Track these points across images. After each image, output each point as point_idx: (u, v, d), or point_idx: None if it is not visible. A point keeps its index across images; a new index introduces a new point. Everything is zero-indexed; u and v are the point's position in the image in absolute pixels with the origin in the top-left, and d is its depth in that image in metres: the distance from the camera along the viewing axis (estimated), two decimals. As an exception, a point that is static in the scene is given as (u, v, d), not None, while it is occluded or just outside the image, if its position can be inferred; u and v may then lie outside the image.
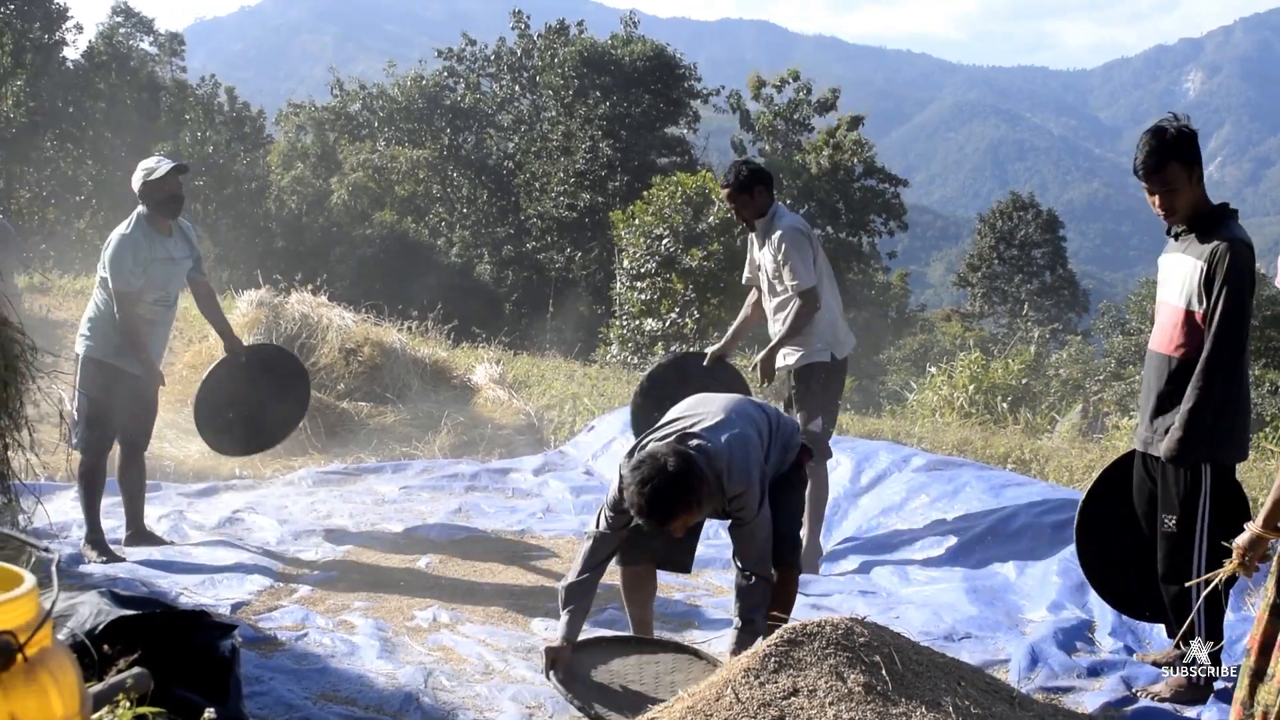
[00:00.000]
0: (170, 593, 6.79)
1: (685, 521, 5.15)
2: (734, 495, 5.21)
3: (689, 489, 5.00)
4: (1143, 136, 5.36)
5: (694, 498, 5.03)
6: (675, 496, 4.98)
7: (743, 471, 5.21)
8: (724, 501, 5.23)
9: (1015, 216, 60.72)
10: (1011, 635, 6.30)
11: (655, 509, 4.98)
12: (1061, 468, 9.69)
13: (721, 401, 5.52)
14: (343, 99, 52.79)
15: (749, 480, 5.22)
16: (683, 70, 46.98)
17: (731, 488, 5.18)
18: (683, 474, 4.98)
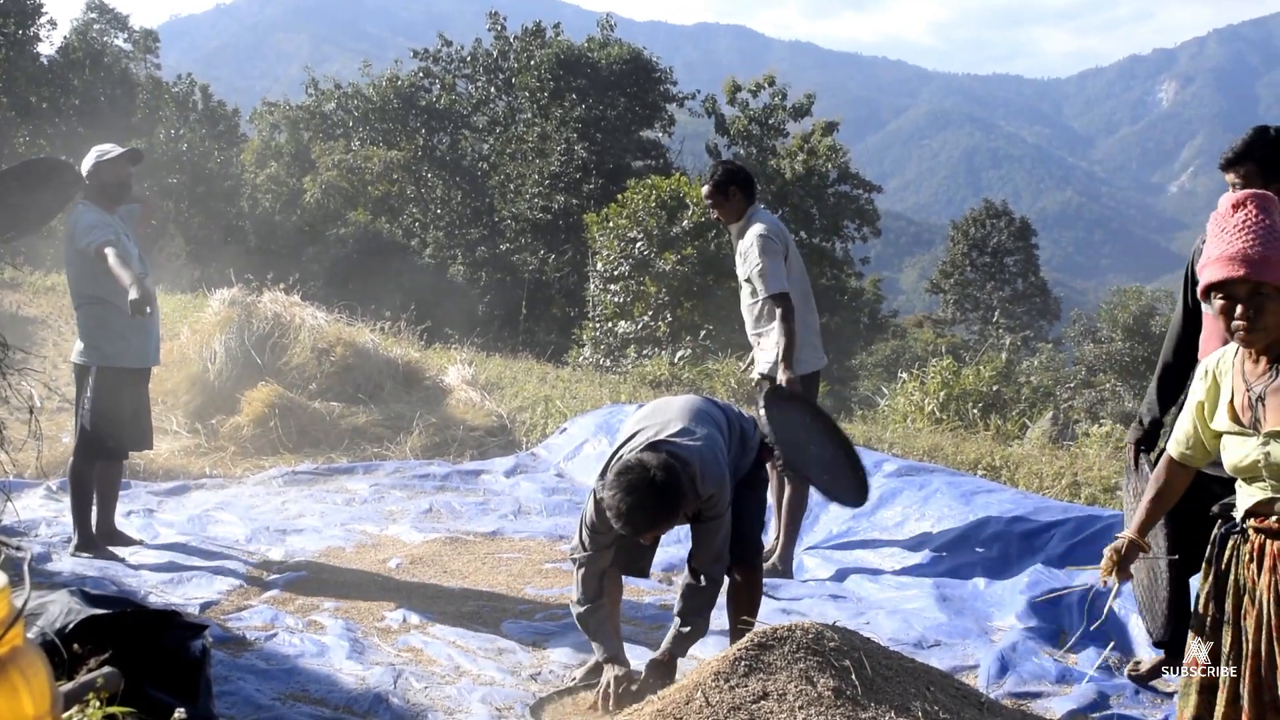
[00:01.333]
0: (139, 592, 6.78)
1: (660, 531, 5.20)
2: (708, 496, 5.22)
3: (671, 501, 5.01)
4: (1250, 130, 5.23)
5: (674, 509, 5.06)
6: (658, 507, 5.00)
7: (715, 473, 5.23)
8: (698, 503, 5.24)
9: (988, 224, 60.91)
10: (981, 642, 6.32)
11: (636, 519, 4.99)
12: (1031, 474, 9.72)
13: (680, 405, 5.54)
14: (318, 98, 52.64)
15: (721, 481, 5.24)
16: (659, 74, 47.01)
17: (705, 489, 5.19)
18: (667, 485, 4.98)
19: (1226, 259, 3.57)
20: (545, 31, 50.94)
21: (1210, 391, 3.81)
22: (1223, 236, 3.63)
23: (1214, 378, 3.81)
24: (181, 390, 12.05)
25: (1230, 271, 3.56)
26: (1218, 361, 3.82)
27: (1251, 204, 3.61)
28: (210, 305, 13.49)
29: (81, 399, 7.59)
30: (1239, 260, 3.55)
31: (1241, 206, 3.62)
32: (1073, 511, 7.93)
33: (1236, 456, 3.68)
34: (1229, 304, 3.62)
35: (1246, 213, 3.60)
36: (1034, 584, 7.03)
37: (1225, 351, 3.83)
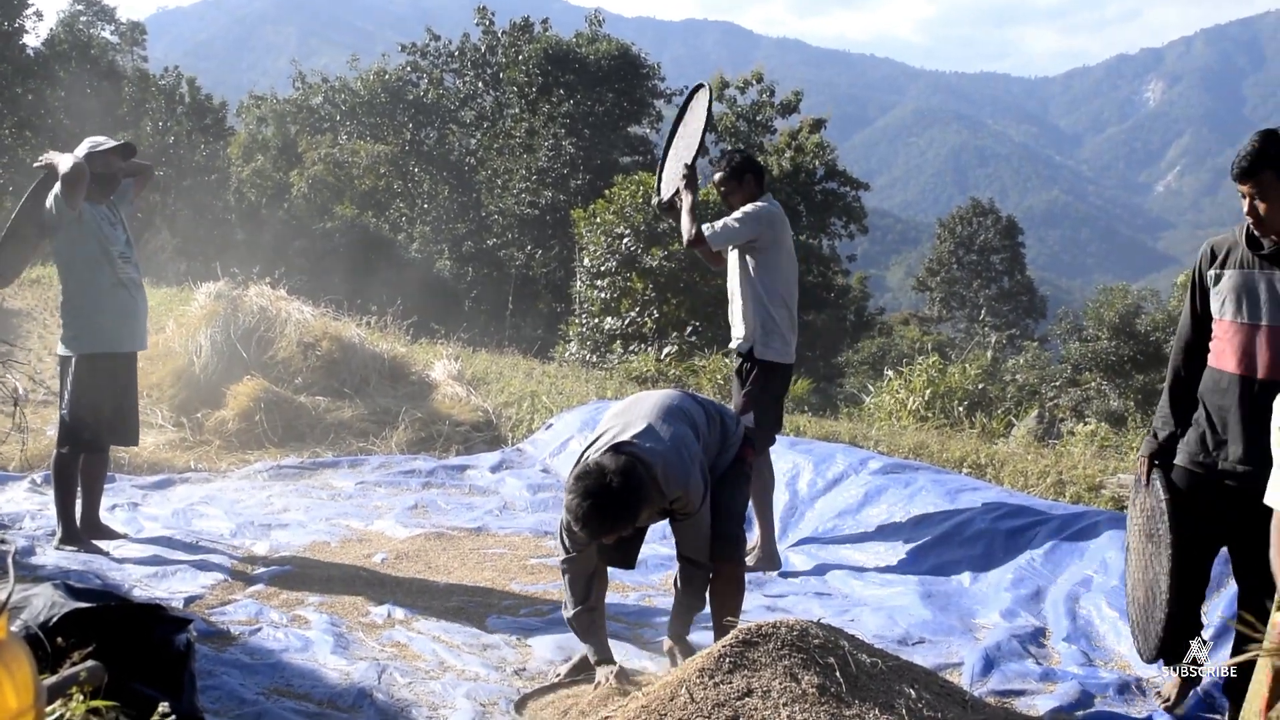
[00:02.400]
0: (123, 586, 6.76)
1: (621, 533, 5.20)
2: (674, 497, 5.25)
3: (628, 505, 5.04)
4: (1255, 133, 4.86)
5: (632, 513, 5.09)
6: (615, 513, 5.03)
7: (680, 473, 5.23)
8: (664, 503, 5.26)
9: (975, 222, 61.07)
10: (965, 640, 6.33)
11: (593, 523, 5.03)
12: (1016, 473, 9.73)
13: (652, 402, 5.54)
14: (305, 92, 52.60)
15: (686, 481, 5.25)
16: (647, 70, 47.01)
17: (670, 490, 5.21)
18: (624, 490, 5.01)
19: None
20: (533, 27, 50.93)
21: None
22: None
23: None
24: (166, 384, 12.03)
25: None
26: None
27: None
28: (196, 299, 13.47)
29: (64, 390, 7.58)
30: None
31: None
32: (1057, 510, 7.94)
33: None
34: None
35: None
36: (1018, 582, 7.05)
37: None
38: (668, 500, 5.24)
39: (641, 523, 5.31)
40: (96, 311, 7.48)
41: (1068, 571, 7.06)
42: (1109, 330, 33.45)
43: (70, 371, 7.50)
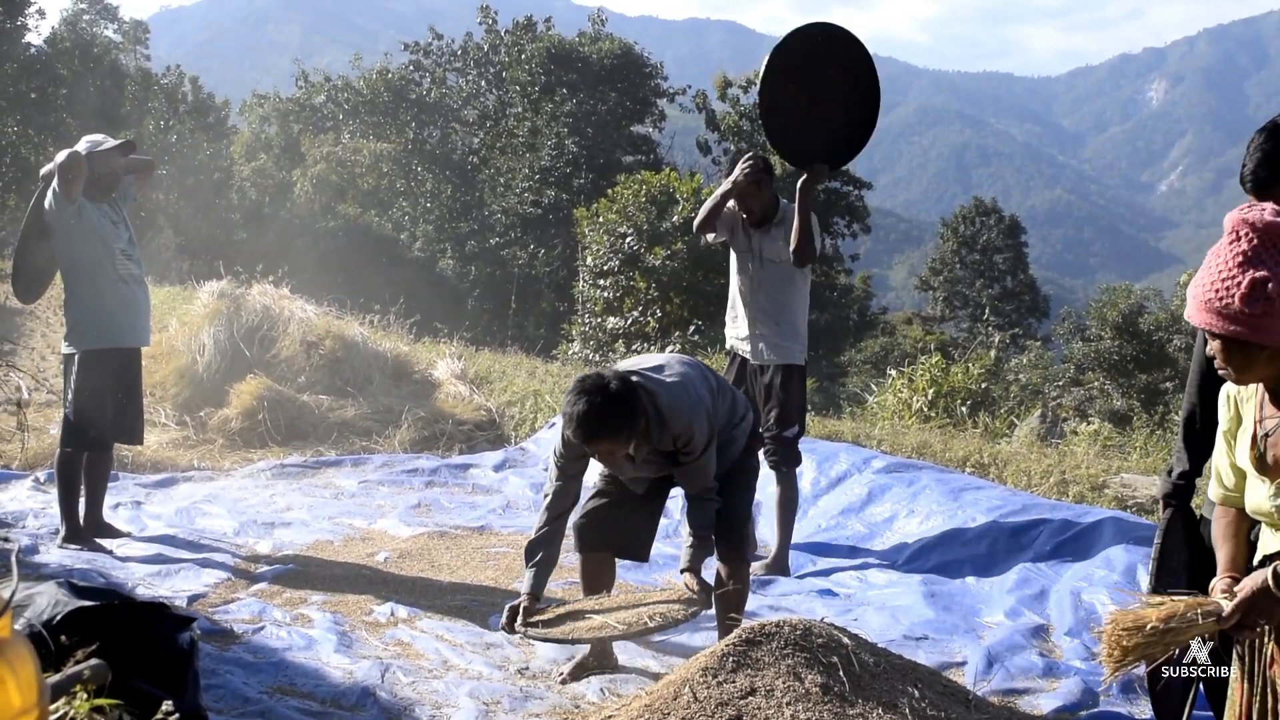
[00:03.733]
0: (127, 584, 6.77)
1: (611, 448, 5.18)
2: (678, 434, 5.28)
3: (624, 414, 5.08)
4: (1254, 137, 4.09)
5: (626, 424, 5.11)
6: (609, 416, 5.05)
7: (684, 408, 5.27)
8: (668, 441, 5.29)
9: (978, 221, 60.99)
10: (968, 639, 6.32)
11: (588, 425, 5.05)
12: (1020, 472, 9.73)
13: (668, 357, 5.64)
14: (307, 91, 52.60)
15: (690, 417, 5.28)
16: (649, 69, 47.01)
17: (674, 422, 5.25)
18: (622, 396, 5.06)
19: (1198, 302, 3.23)
20: (536, 26, 50.94)
21: (1233, 422, 3.46)
22: (1205, 270, 3.22)
23: (1236, 406, 3.46)
24: (170, 382, 12.04)
25: (1199, 320, 3.24)
26: (1240, 388, 3.44)
27: (1244, 237, 3.16)
28: (199, 297, 13.49)
29: (67, 388, 7.59)
30: (1205, 309, 3.21)
31: (1234, 238, 3.17)
32: (1060, 509, 7.95)
33: (1253, 500, 3.39)
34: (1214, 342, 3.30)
35: (1236, 248, 3.16)
36: (1021, 581, 7.05)
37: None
38: (672, 434, 5.27)
39: (630, 449, 5.27)
40: (98, 308, 7.49)
41: (1071, 570, 7.07)
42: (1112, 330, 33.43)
43: (73, 369, 7.50)
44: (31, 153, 38.76)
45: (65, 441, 7.63)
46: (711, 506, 5.46)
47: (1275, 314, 3.09)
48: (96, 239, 7.46)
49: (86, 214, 7.44)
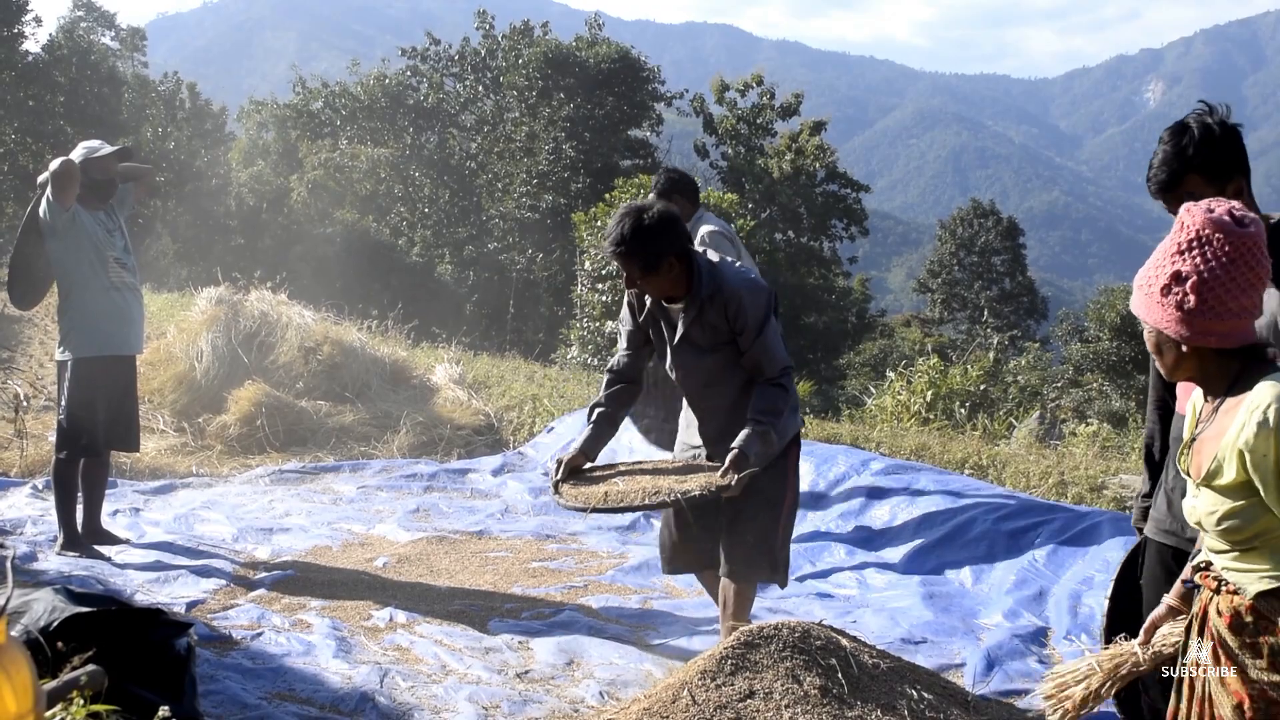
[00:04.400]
0: (125, 590, 6.77)
1: (654, 279, 5.21)
2: (728, 301, 5.25)
3: (665, 230, 5.11)
4: (1162, 135, 3.99)
5: (669, 246, 5.14)
6: (656, 233, 5.10)
7: (741, 283, 5.29)
8: (719, 313, 5.27)
9: (976, 223, 61.01)
10: (967, 640, 6.32)
11: (632, 240, 5.08)
12: (1018, 474, 9.73)
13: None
14: (305, 96, 52.56)
15: (742, 291, 5.27)
16: (647, 73, 46.96)
17: (725, 293, 5.24)
18: (666, 215, 5.12)
19: (1135, 289, 3.22)
20: (533, 30, 50.90)
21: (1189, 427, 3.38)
22: (1150, 258, 3.21)
23: (1191, 410, 3.38)
24: (168, 389, 12.03)
25: (1134, 308, 3.24)
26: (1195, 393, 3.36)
27: (1184, 228, 3.12)
28: (197, 304, 13.48)
29: (61, 395, 7.59)
30: (1136, 297, 3.21)
31: (1178, 227, 3.14)
32: (1059, 510, 7.95)
33: (1186, 506, 3.31)
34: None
35: (1174, 238, 3.13)
36: (1020, 583, 7.05)
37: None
38: (723, 301, 5.25)
39: (671, 287, 5.30)
40: (92, 315, 7.49)
41: (1070, 572, 7.07)
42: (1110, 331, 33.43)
43: (67, 375, 7.50)
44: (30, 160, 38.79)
45: (60, 448, 7.63)
46: (777, 394, 5.28)
47: (1195, 310, 3.07)
48: (90, 246, 7.46)
49: (81, 221, 7.44)
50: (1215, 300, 3.05)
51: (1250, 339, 3.12)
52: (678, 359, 5.45)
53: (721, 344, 5.36)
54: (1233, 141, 3.87)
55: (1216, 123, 3.85)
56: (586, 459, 5.52)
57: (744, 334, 5.28)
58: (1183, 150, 3.85)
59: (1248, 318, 3.08)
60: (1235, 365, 3.14)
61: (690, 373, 5.47)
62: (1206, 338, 3.09)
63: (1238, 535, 3.11)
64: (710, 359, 5.40)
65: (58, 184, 7.33)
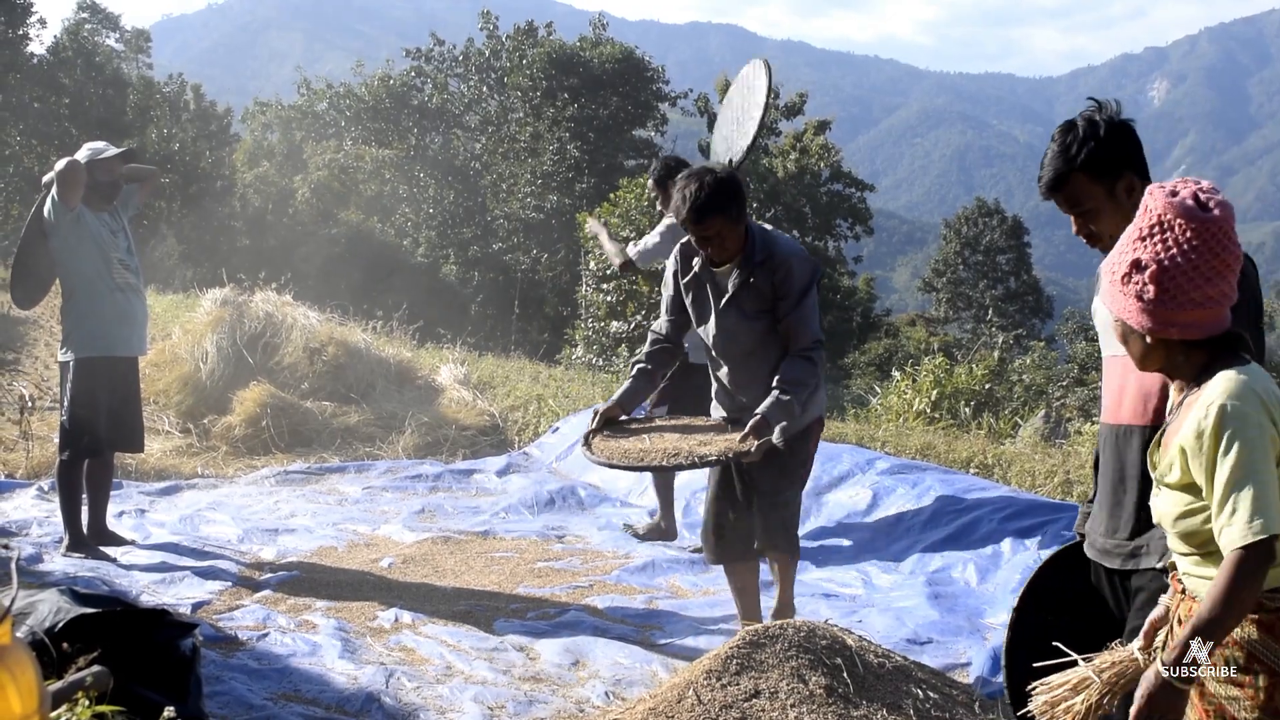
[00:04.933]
0: (131, 591, 6.77)
1: (721, 229, 5.35)
2: (777, 267, 5.40)
3: (735, 195, 5.32)
4: (1053, 134, 3.86)
5: (736, 205, 5.34)
6: (724, 192, 5.29)
7: (791, 251, 5.46)
8: (766, 278, 5.41)
9: (980, 222, 60.95)
10: (973, 640, 6.31)
11: (703, 198, 5.25)
12: (1024, 473, 9.72)
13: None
14: (309, 98, 52.58)
15: (792, 257, 5.43)
16: (651, 73, 46.95)
17: (776, 258, 5.40)
18: (735, 181, 5.35)
19: (1100, 272, 3.18)
20: (537, 31, 50.88)
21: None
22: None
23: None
24: (173, 390, 12.04)
25: (1101, 294, 3.19)
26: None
27: (1147, 211, 3.03)
28: (202, 305, 13.48)
29: (63, 395, 7.60)
30: (1104, 283, 3.14)
31: (1142, 210, 3.05)
32: (1065, 509, 7.93)
33: (1151, 504, 3.22)
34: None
35: (1138, 223, 3.04)
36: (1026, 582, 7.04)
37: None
38: (771, 267, 5.40)
39: (734, 241, 5.43)
40: (94, 316, 7.49)
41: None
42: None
43: (69, 376, 7.51)
44: (35, 162, 38.80)
45: (63, 449, 7.64)
46: (805, 366, 5.41)
47: (1155, 300, 2.98)
48: (94, 247, 7.47)
49: (85, 222, 7.45)
50: (1176, 289, 2.94)
51: (1219, 329, 3.01)
52: (722, 323, 5.57)
53: (765, 311, 5.48)
54: (1120, 138, 3.71)
55: (1104, 120, 3.72)
56: (622, 411, 5.65)
57: (785, 299, 5.42)
58: (1066, 149, 3.74)
59: (1213, 307, 2.96)
60: (1202, 357, 3.03)
61: (733, 338, 5.59)
62: (1168, 329, 2.99)
63: (1194, 540, 3.03)
64: (754, 325, 5.52)
65: (63, 184, 7.34)
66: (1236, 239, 2.98)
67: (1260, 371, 2.99)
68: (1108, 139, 3.69)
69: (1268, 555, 2.83)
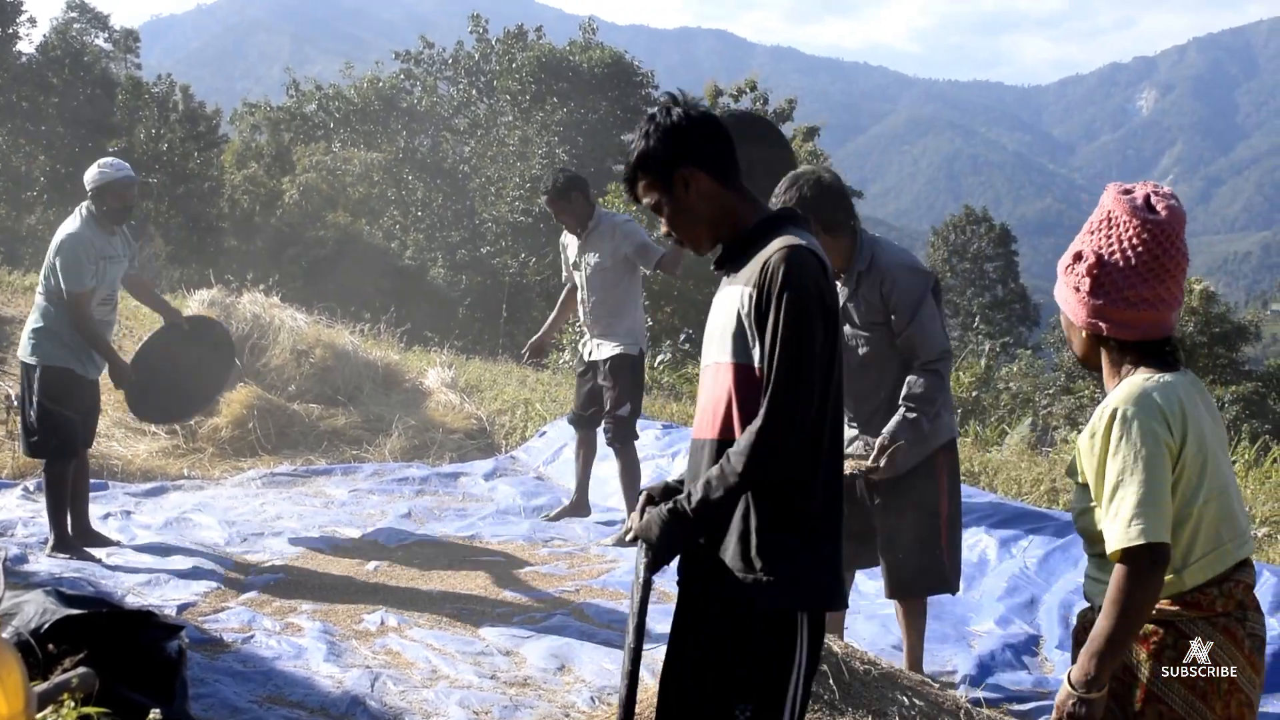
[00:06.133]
0: (116, 593, 6.75)
1: (833, 241, 5.22)
2: (884, 279, 5.33)
3: (836, 191, 5.27)
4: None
5: (844, 204, 5.33)
6: (835, 189, 5.28)
7: (901, 261, 5.43)
8: (875, 291, 5.35)
9: (968, 230, 61.03)
10: (959, 648, 6.32)
11: (824, 195, 5.17)
12: (1010, 481, 9.74)
13: None
14: (298, 99, 52.53)
15: (898, 268, 5.36)
16: (640, 77, 47.00)
17: (881, 266, 5.35)
18: (837, 180, 5.35)
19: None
20: (527, 34, 50.90)
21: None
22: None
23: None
24: (160, 391, 12.00)
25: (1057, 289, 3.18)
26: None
27: (1100, 206, 3.08)
28: (189, 306, 13.44)
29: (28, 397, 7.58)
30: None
31: (1099, 206, 3.08)
32: (1051, 518, 7.95)
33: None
34: None
35: (1091, 218, 3.09)
36: (1012, 590, 7.05)
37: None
38: (879, 279, 5.35)
39: (848, 283, 5.39)
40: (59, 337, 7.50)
41: (1061, 579, 7.07)
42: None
43: (36, 378, 7.49)
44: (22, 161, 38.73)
45: (38, 451, 7.63)
46: (931, 381, 5.27)
47: (1088, 294, 2.97)
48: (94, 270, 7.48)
49: (105, 248, 7.50)
50: (1110, 285, 2.94)
51: (1158, 333, 2.98)
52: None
53: (876, 324, 5.38)
54: (692, 133, 3.43)
55: (677, 114, 3.50)
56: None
57: (898, 317, 5.31)
58: (633, 150, 3.54)
59: (1149, 309, 2.94)
60: (1127, 361, 3.01)
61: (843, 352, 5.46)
62: (1098, 324, 2.98)
63: (1093, 542, 3.02)
64: (865, 339, 5.43)
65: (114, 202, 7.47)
66: (1183, 245, 2.97)
67: (1178, 382, 2.95)
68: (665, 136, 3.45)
69: (1152, 562, 2.82)
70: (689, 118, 3.44)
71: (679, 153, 3.39)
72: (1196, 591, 2.94)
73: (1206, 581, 2.94)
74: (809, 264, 3.09)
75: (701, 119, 3.45)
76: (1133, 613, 2.83)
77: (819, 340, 3.09)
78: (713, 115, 3.51)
